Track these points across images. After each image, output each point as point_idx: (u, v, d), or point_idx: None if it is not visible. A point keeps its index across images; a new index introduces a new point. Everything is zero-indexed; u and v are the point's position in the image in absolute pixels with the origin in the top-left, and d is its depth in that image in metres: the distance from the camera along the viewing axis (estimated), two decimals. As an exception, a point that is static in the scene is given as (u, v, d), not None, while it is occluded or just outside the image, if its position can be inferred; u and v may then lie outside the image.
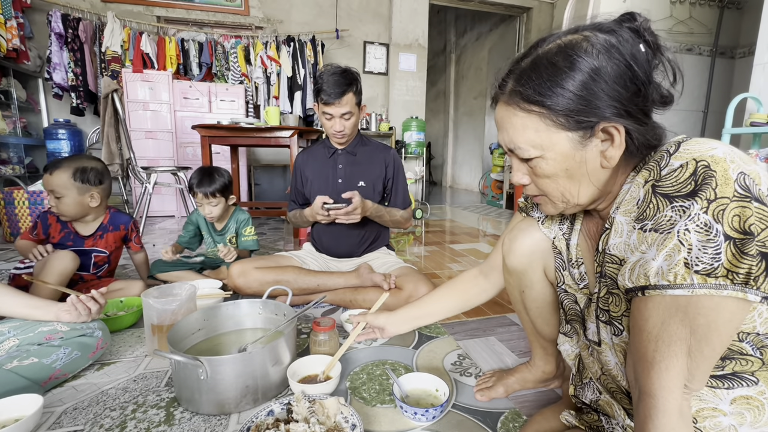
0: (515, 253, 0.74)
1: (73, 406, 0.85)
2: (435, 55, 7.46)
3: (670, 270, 0.41)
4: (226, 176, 1.66)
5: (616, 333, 0.56)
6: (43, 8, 3.51)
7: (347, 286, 1.40)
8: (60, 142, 3.59)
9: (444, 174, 7.69)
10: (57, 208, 1.30)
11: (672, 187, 0.43)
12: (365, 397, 0.88)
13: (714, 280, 0.39)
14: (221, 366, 0.80)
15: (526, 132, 0.52)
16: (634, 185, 0.50)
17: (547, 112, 0.50)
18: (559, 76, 0.49)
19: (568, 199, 0.56)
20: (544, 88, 0.49)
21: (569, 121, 0.49)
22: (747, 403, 0.47)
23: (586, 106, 0.48)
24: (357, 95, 1.38)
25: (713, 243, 0.39)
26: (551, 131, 0.51)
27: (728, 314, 0.41)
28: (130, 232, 1.50)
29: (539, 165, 0.54)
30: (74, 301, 0.96)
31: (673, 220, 0.42)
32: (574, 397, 0.73)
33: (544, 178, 0.55)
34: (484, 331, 1.25)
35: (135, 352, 1.09)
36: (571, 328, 0.75)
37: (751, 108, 1.98)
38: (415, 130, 4.37)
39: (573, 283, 0.67)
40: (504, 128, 0.56)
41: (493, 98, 0.58)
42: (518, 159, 0.56)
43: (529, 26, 4.89)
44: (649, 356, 0.45)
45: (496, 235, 2.97)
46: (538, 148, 0.52)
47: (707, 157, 0.41)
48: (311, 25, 4.24)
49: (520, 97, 0.52)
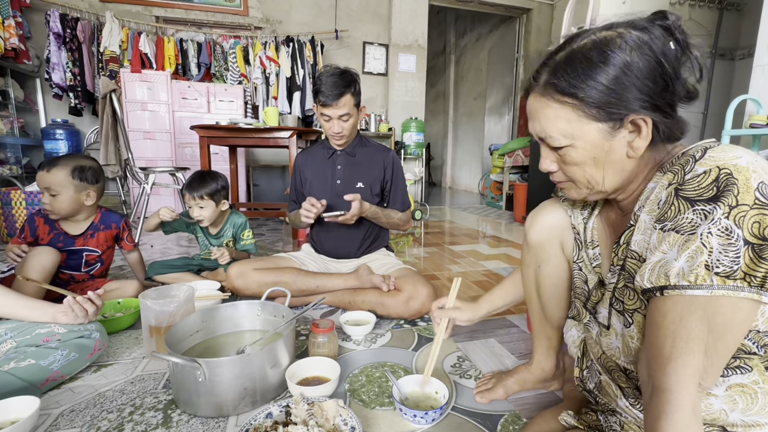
0: (536, 226, 0.78)
1: (70, 408, 0.84)
2: (434, 55, 7.47)
3: (691, 271, 0.43)
4: (221, 181, 1.64)
5: (626, 325, 0.59)
6: (42, 8, 3.50)
7: (346, 287, 1.40)
8: (58, 142, 3.58)
9: (443, 175, 7.69)
10: (51, 206, 1.30)
11: (694, 191, 0.45)
12: (364, 400, 0.88)
13: (732, 282, 0.41)
14: (219, 368, 0.79)
15: (558, 122, 0.55)
16: (659, 186, 0.52)
17: (580, 104, 0.52)
18: (593, 70, 0.51)
19: (593, 186, 0.58)
20: (578, 81, 0.52)
21: (600, 113, 0.52)
22: (741, 391, 0.49)
23: (617, 99, 0.50)
24: (355, 97, 1.37)
25: (734, 247, 0.41)
26: (582, 122, 0.53)
27: (743, 314, 0.43)
28: (121, 231, 1.49)
29: (569, 153, 0.56)
30: (71, 302, 0.96)
31: (694, 222, 0.43)
32: (579, 382, 0.74)
33: (573, 165, 0.57)
34: (484, 333, 1.25)
35: (132, 354, 1.08)
36: (576, 310, 0.77)
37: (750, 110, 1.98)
38: (414, 131, 4.36)
39: (588, 262, 0.71)
40: (536, 118, 0.58)
41: (526, 90, 0.61)
42: (548, 147, 0.59)
43: (528, 27, 4.90)
44: (666, 352, 0.46)
45: (495, 236, 2.96)
46: (568, 138, 0.55)
47: (730, 166, 0.43)
48: (310, 26, 4.23)
49: (554, 88, 0.54)
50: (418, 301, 1.27)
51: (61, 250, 1.33)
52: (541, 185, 3.22)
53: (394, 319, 1.32)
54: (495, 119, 5.78)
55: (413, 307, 1.28)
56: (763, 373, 0.48)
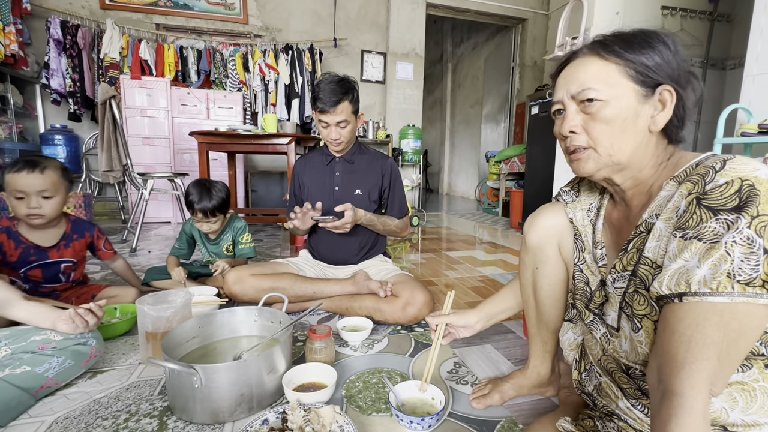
0: (535, 227, 0.79)
1: (65, 415, 0.84)
2: (432, 64, 7.54)
3: (714, 278, 0.44)
4: (224, 191, 1.62)
5: (635, 330, 0.60)
6: (42, 15, 3.52)
7: (343, 293, 1.40)
8: (56, 147, 3.58)
9: (440, 181, 7.72)
10: (42, 210, 1.17)
11: (717, 201, 0.46)
12: (361, 406, 0.88)
13: (752, 290, 0.43)
14: (216, 374, 0.79)
15: (601, 76, 0.58)
16: (677, 195, 0.53)
17: (624, 64, 0.57)
18: (639, 41, 0.57)
19: (613, 152, 0.60)
20: (625, 45, 0.57)
21: (639, 75, 0.57)
22: (741, 389, 0.50)
23: (657, 68, 0.56)
24: (353, 104, 1.39)
25: (755, 256, 0.43)
26: (623, 81, 0.57)
27: (757, 320, 0.45)
28: (96, 239, 1.41)
29: (602, 110, 0.58)
30: (72, 315, 0.95)
31: (717, 231, 0.45)
32: (578, 385, 0.75)
33: (602, 124, 0.59)
34: (480, 339, 1.25)
35: (128, 360, 1.08)
36: (576, 311, 0.78)
37: (741, 118, 2.01)
38: (411, 138, 4.39)
39: (593, 263, 0.72)
40: (574, 78, 0.61)
41: (564, 62, 0.64)
42: (575, 107, 0.61)
43: (524, 36, 4.97)
44: (680, 357, 0.46)
45: (492, 242, 2.97)
46: (608, 93, 0.58)
47: (752, 177, 0.45)
48: (309, 34, 4.28)
49: (602, 47, 0.59)
50: (415, 307, 1.28)
51: (36, 265, 1.25)
52: (537, 192, 3.24)
53: (391, 325, 1.32)
54: (491, 127, 5.83)
55: (410, 313, 1.28)
56: (762, 370, 0.49)
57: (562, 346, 0.81)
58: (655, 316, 0.55)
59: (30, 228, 1.24)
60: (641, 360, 0.60)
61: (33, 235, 1.25)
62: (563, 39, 2.68)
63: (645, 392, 0.61)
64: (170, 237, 2.97)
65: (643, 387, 0.61)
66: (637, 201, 0.63)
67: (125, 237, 2.79)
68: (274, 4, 4.21)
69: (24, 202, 1.16)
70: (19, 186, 1.15)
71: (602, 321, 0.69)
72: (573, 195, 0.78)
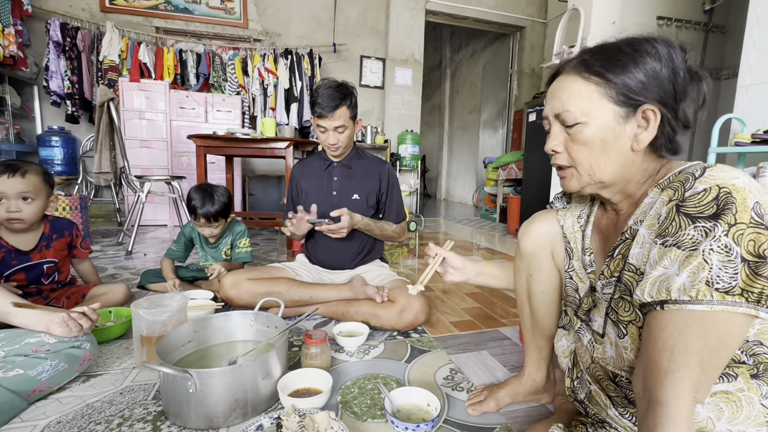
0: (529, 235, 0.80)
1: (57, 419, 0.83)
2: (430, 70, 7.59)
3: (693, 286, 0.44)
4: (226, 196, 1.62)
5: (620, 336, 0.60)
6: (42, 17, 3.53)
7: (340, 298, 1.40)
8: (53, 149, 3.57)
9: (438, 187, 7.74)
10: (22, 213, 1.17)
11: (695, 208, 0.46)
12: (356, 412, 0.87)
13: (731, 298, 0.43)
14: (211, 379, 0.79)
15: (579, 97, 0.58)
16: (659, 202, 0.54)
17: (605, 84, 0.57)
18: (623, 57, 0.56)
19: (593, 172, 0.60)
20: (607, 64, 0.57)
21: (620, 97, 0.56)
22: (726, 398, 0.50)
23: (639, 87, 0.55)
24: (351, 109, 1.39)
25: (732, 264, 0.43)
26: (602, 102, 0.57)
27: (738, 329, 0.45)
28: (75, 237, 1.39)
29: (580, 131, 0.59)
30: (65, 318, 0.94)
31: (695, 238, 0.45)
32: (570, 392, 0.75)
33: (581, 145, 0.59)
34: (476, 345, 1.25)
35: (122, 364, 1.07)
36: (567, 317, 0.78)
37: (735, 128, 2.04)
38: (410, 143, 4.41)
39: (581, 270, 0.72)
40: (557, 96, 0.61)
41: (553, 75, 0.65)
42: (559, 126, 0.62)
43: (522, 44, 5.02)
44: (663, 366, 0.46)
45: (489, 248, 2.98)
46: (585, 114, 0.58)
47: (729, 185, 0.45)
48: (309, 39, 4.30)
49: (584, 66, 0.58)
50: (412, 313, 1.28)
51: (18, 269, 1.23)
52: (534, 198, 3.26)
53: (387, 330, 1.32)
54: (489, 133, 5.86)
55: (406, 319, 1.28)
56: (748, 381, 0.49)
57: (557, 353, 0.81)
58: (640, 323, 0.56)
59: (9, 232, 1.23)
60: (627, 366, 0.60)
61: (13, 239, 1.24)
62: (560, 47, 2.71)
63: (632, 401, 0.61)
64: (166, 240, 2.96)
65: (629, 396, 0.61)
66: (626, 210, 0.64)
67: (121, 240, 2.78)
68: (274, 9, 4.23)
69: (3, 206, 1.16)
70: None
71: (588, 327, 0.70)
72: (564, 202, 0.79)
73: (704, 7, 3.23)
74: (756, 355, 0.49)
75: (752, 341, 0.48)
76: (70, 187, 3.68)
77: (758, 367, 0.49)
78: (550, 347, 0.87)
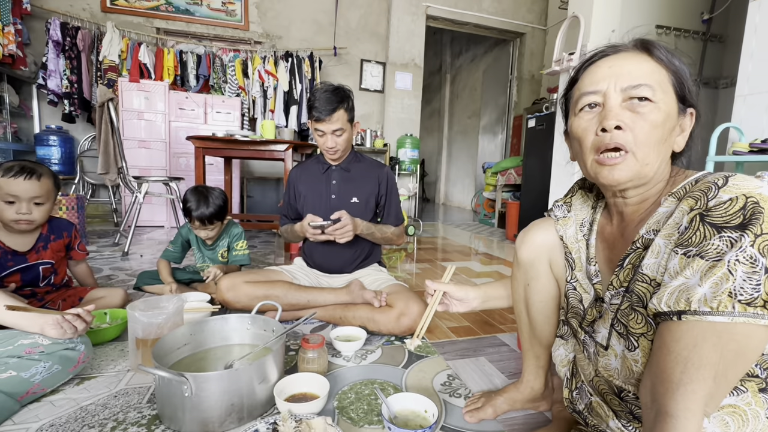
0: (526, 244, 0.79)
1: (50, 422, 0.82)
2: (430, 74, 7.62)
3: (714, 297, 0.43)
4: (222, 199, 1.61)
5: (630, 348, 0.58)
6: (43, 16, 3.53)
7: (337, 302, 1.39)
8: (50, 148, 3.55)
9: (437, 191, 7.75)
10: (32, 216, 1.18)
11: (721, 218, 0.45)
12: (353, 417, 0.87)
13: (753, 310, 0.42)
14: (206, 383, 0.78)
15: (654, 76, 0.56)
16: (678, 211, 0.52)
17: (672, 72, 0.56)
18: (679, 58, 0.57)
19: (649, 161, 0.56)
20: (668, 53, 0.57)
21: (680, 90, 0.57)
22: (733, 412, 0.49)
23: (691, 86, 0.57)
24: (348, 112, 1.39)
25: (757, 275, 0.42)
26: (670, 90, 0.57)
27: (757, 341, 0.44)
28: (73, 239, 1.38)
29: (651, 112, 0.55)
30: (60, 320, 0.93)
31: (720, 249, 0.44)
32: (569, 403, 0.74)
33: (650, 126, 0.55)
34: (474, 351, 1.24)
35: (117, 367, 1.06)
36: (568, 329, 0.77)
37: (733, 137, 2.05)
38: (409, 147, 4.42)
39: (585, 280, 0.70)
40: (627, 70, 0.57)
41: (595, 55, 0.61)
42: (622, 102, 0.57)
43: (522, 50, 5.05)
44: (675, 378, 0.45)
45: (487, 253, 2.98)
46: (660, 95, 0.56)
47: (756, 194, 0.44)
48: (310, 42, 4.31)
49: (652, 47, 0.57)
50: (410, 318, 1.27)
51: (14, 270, 1.22)
52: (532, 204, 3.27)
53: (384, 335, 1.32)
54: (488, 138, 5.88)
55: (404, 324, 1.27)
56: (756, 394, 0.49)
57: (555, 362, 0.81)
58: (652, 335, 0.54)
59: (7, 232, 1.22)
60: (634, 380, 0.58)
61: (9, 239, 1.22)
62: (560, 54, 2.72)
63: (637, 417, 0.60)
64: (163, 241, 2.94)
65: (635, 411, 0.60)
66: (635, 216, 0.62)
67: (117, 240, 2.77)
68: (275, 11, 4.25)
69: (14, 207, 1.15)
70: (12, 191, 1.14)
71: (592, 339, 0.68)
72: (565, 210, 0.76)
73: (703, 16, 3.26)
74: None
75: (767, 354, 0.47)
76: (67, 187, 3.66)
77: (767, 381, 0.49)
78: (548, 356, 0.86)
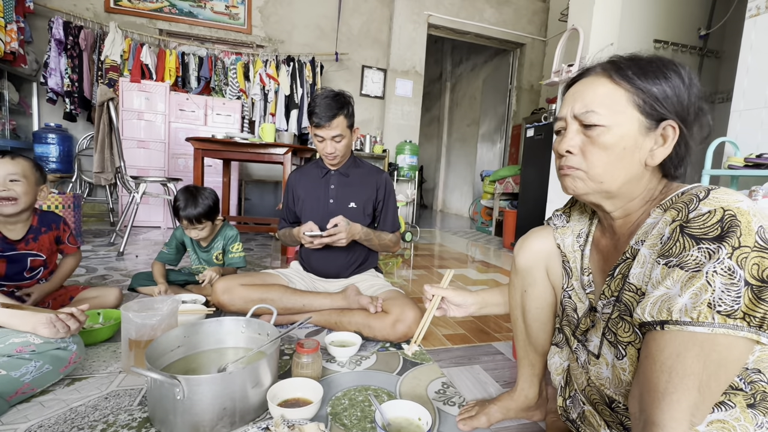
0: (524, 251, 0.80)
1: (39, 423, 0.81)
2: (431, 82, 7.68)
3: (694, 308, 0.44)
4: (211, 198, 1.60)
5: (618, 357, 0.59)
6: (45, 14, 3.54)
7: (333, 307, 1.39)
8: (49, 146, 3.54)
9: (435, 198, 7.77)
10: (14, 192, 1.17)
11: (699, 229, 0.46)
12: (346, 424, 0.86)
13: (733, 321, 0.43)
14: (199, 386, 0.78)
15: (606, 100, 0.57)
16: (662, 222, 0.53)
17: (634, 92, 0.56)
18: (654, 69, 0.57)
19: (604, 180, 0.59)
20: (639, 71, 0.57)
21: (647, 106, 0.56)
22: (722, 427, 0.49)
23: (665, 101, 0.56)
24: (348, 118, 1.40)
25: (735, 287, 0.43)
26: (628, 109, 0.57)
27: (738, 353, 0.45)
28: (62, 231, 1.37)
29: (602, 135, 0.57)
30: (53, 319, 0.93)
31: (699, 260, 0.45)
32: (563, 411, 0.74)
33: (600, 149, 0.58)
34: (469, 359, 1.24)
35: (109, 368, 1.05)
36: (563, 336, 0.78)
37: (729, 151, 2.07)
38: (408, 154, 4.43)
39: (580, 290, 0.71)
40: (581, 96, 0.60)
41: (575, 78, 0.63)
42: (577, 128, 0.60)
43: (522, 60, 5.10)
44: (660, 387, 0.46)
45: (484, 261, 2.98)
46: (611, 118, 0.57)
47: (734, 208, 0.45)
48: (312, 47, 4.34)
49: (614, 69, 0.58)
50: (405, 324, 1.27)
51: (1, 257, 1.21)
52: (530, 213, 3.28)
53: (380, 341, 1.31)
54: (487, 146, 5.91)
55: (400, 330, 1.27)
56: (744, 410, 0.49)
57: (550, 370, 0.81)
58: (639, 344, 0.55)
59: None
60: (624, 390, 0.59)
61: (2, 226, 1.22)
62: (559, 65, 2.75)
63: (627, 428, 0.60)
64: (159, 242, 2.93)
65: (625, 423, 0.60)
66: (625, 229, 0.63)
67: (113, 240, 2.75)
68: (278, 16, 4.28)
69: None
70: None
71: (584, 348, 0.69)
72: (564, 220, 0.78)
73: (700, 32, 3.31)
74: (753, 383, 0.49)
75: (751, 369, 0.48)
76: (64, 185, 3.65)
77: (755, 396, 0.49)
78: (543, 364, 0.86)
